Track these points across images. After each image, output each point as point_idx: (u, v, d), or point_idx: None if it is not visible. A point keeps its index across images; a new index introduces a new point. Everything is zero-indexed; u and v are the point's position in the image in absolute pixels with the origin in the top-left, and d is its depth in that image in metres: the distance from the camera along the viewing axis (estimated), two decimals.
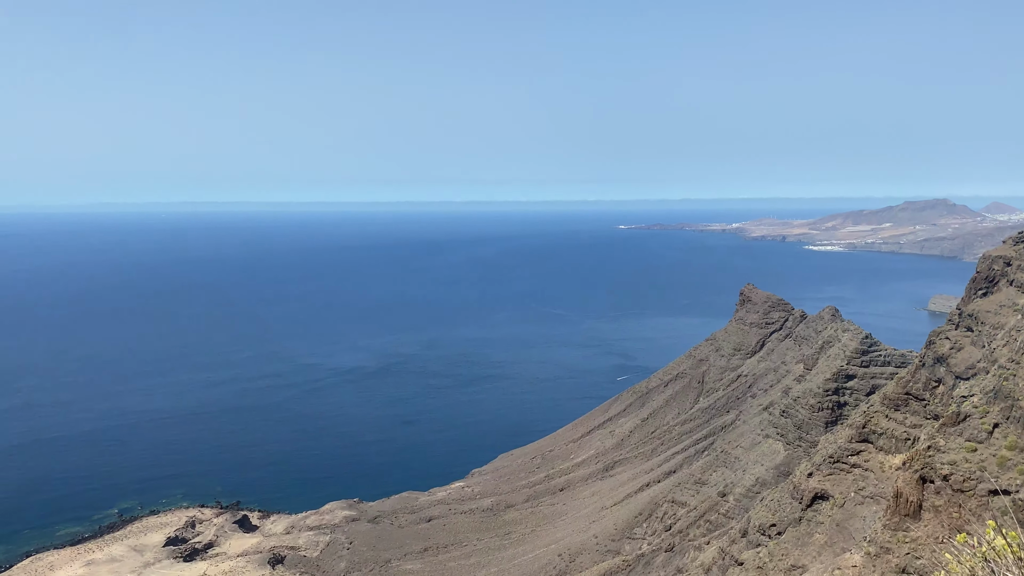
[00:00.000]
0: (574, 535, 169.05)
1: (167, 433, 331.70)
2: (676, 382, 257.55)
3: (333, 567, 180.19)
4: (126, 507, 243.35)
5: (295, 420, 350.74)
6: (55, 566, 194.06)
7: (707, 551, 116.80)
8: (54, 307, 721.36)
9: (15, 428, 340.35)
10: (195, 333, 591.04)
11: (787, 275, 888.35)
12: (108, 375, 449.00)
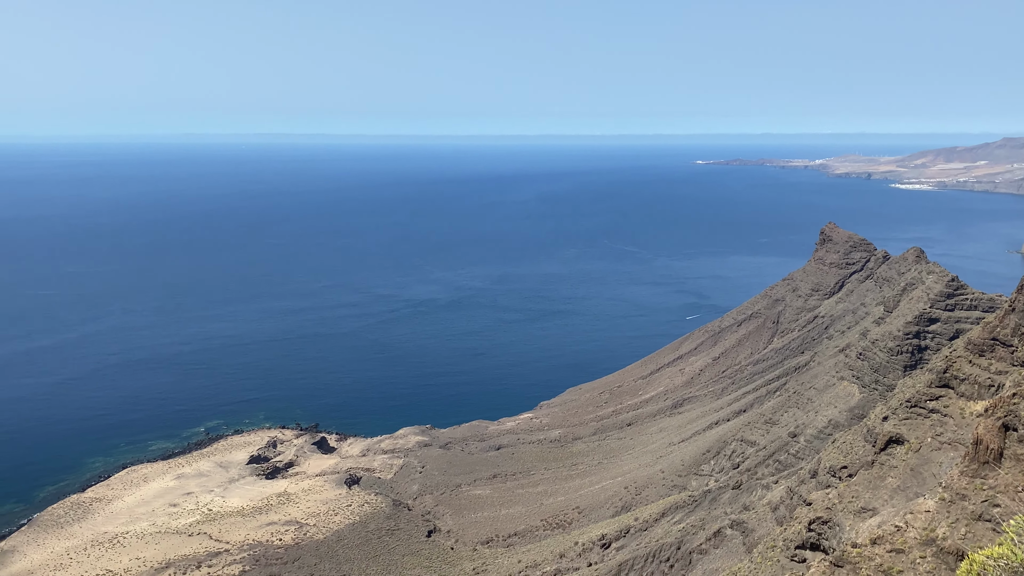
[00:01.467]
0: (640, 469, 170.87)
1: (250, 357, 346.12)
2: (750, 322, 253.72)
3: (406, 489, 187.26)
4: (212, 426, 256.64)
5: (370, 349, 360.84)
6: (149, 478, 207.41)
7: (775, 490, 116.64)
8: (143, 235, 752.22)
9: (111, 349, 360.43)
10: (276, 263, 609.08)
11: (871, 214, 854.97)
12: (195, 301, 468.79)
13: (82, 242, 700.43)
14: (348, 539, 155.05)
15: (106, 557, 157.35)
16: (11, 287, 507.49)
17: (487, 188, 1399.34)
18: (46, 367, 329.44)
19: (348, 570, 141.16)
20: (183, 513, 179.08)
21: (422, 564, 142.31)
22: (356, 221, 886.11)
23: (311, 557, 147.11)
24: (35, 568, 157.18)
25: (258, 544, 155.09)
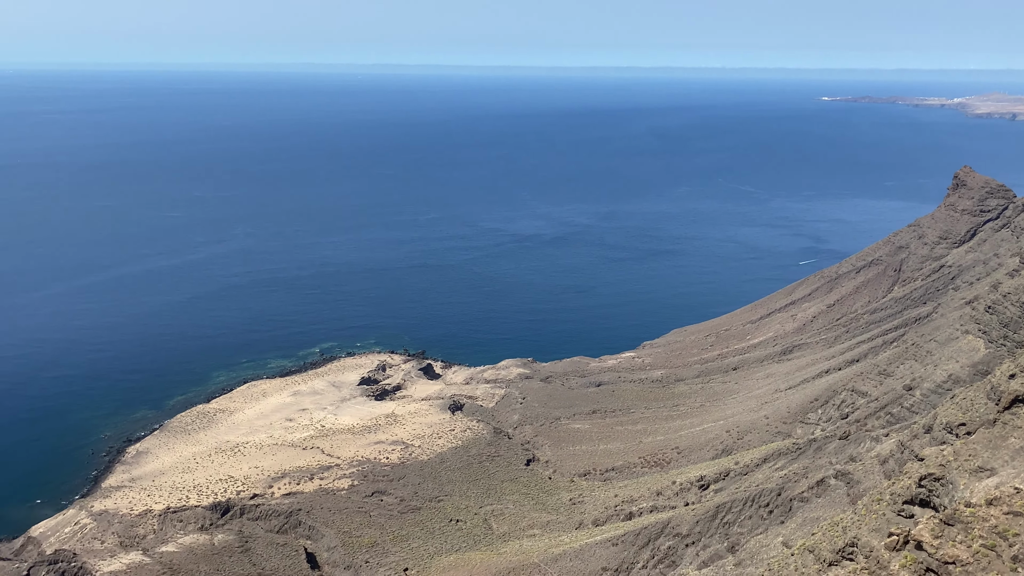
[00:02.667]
0: (744, 414, 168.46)
1: (362, 284, 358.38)
2: (870, 268, 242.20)
3: (507, 418, 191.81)
4: (326, 347, 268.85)
5: (476, 281, 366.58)
6: (267, 393, 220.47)
7: (885, 443, 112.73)
8: (263, 162, 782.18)
9: (234, 270, 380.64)
10: (387, 194, 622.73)
11: (1013, 159, 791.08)
12: (311, 228, 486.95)
13: (207, 168, 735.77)
14: (450, 462, 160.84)
15: (228, 464, 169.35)
16: (142, 209, 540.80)
17: (598, 122, 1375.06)
18: (176, 285, 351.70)
19: (450, 491, 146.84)
20: (298, 428, 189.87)
21: (520, 491, 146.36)
22: (465, 154, 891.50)
23: (415, 476, 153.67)
24: (166, 469, 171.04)
25: (366, 461, 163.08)
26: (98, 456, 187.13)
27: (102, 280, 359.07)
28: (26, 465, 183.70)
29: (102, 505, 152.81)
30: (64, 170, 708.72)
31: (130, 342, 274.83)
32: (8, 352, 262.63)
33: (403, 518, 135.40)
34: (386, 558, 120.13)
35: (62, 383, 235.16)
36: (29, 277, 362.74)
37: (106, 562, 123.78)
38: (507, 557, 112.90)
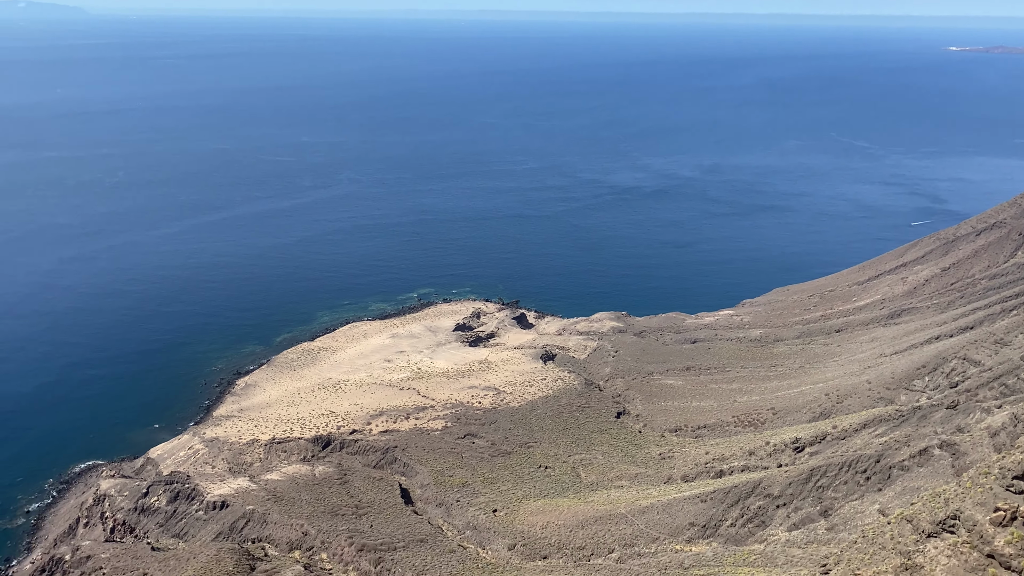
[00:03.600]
0: (845, 378, 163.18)
1: (459, 232, 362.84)
2: (991, 232, 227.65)
3: (598, 370, 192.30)
4: (424, 293, 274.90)
5: (572, 233, 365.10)
6: (368, 334, 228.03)
7: (997, 415, 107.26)
8: (365, 110, 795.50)
9: (339, 215, 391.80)
10: (487, 142, 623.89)
11: None
12: (411, 175, 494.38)
13: (314, 114, 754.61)
14: (541, 410, 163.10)
15: (329, 400, 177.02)
16: (254, 152, 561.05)
17: (704, 71, 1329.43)
18: (285, 228, 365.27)
19: (539, 438, 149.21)
20: (396, 368, 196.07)
21: (609, 443, 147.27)
22: (566, 103, 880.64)
23: (506, 422, 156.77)
24: (272, 402, 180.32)
25: (459, 404, 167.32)
26: (210, 387, 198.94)
27: (216, 220, 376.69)
28: (148, 393, 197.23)
29: (213, 432, 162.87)
30: (183, 113, 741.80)
31: (242, 281, 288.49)
32: (133, 287, 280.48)
33: (493, 461, 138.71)
34: (476, 498, 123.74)
35: (181, 318, 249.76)
36: (151, 216, 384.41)
37: (216, 485, 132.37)
38: (594, 506, 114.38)
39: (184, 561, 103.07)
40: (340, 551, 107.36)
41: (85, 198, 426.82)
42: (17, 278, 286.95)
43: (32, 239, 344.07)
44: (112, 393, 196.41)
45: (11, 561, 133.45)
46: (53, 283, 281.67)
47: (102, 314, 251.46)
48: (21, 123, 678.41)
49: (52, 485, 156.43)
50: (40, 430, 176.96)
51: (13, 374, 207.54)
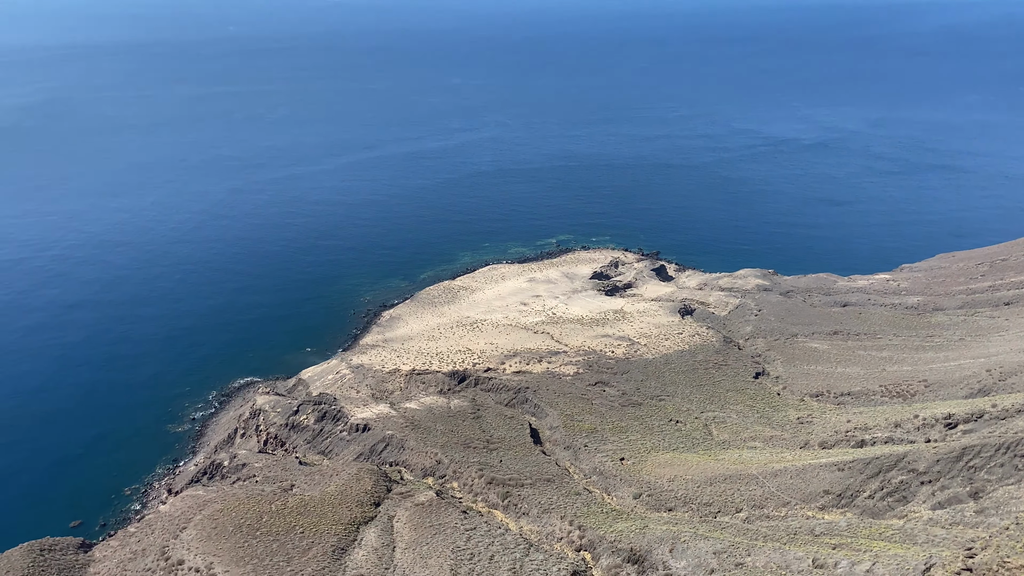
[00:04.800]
0: (1011, 354, 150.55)
1: (602, 179, 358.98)
2: None
3: (739, 329, 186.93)
4: (563, 239, 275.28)
5: (721, 184, 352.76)
6: (506, 277, 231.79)
7: None
8: (515, 52, 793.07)
9: (484, 158, 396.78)
10: (636, 88, 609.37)
11: None
12: (557, 119, 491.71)
13: (465, 56, 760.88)
14: (675, 364, 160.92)
15: (467, 337, 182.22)
16: (407, 94, 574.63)
17: (874, 18, 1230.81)
18: (432, 169, 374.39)
19: (672, 392, 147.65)
20: (531, 312, 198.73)
21: (745, 403, 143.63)
22: (722, 49, 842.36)
23: (638, 373, 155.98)
24: (414, 335, 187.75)
25: (592, 352, 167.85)
26: (358, 317, 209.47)
27: (369, 158, 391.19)
28: (302, 319, 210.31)
29: (359, 360, 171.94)
30: (340, 53, 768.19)
31: (391, 219, 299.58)
32: (294, 220, 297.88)
33: (623, 411, 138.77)
34: (604, 445, 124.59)
35: (336, 252, 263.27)
36: (309, 152, 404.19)
37: (359, 409, 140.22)
38: (724, 464, 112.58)
39: (328, 477, 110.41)
40: (470, 482, 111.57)
41: (250, 132, 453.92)
42: (192, 207, 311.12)
43: (205, 169, 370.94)
44: (271, 318, 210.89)
45: (179, 462, 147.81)
46: (223, 213, 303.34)
47: (265, 244, 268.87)
48: (198, 59, 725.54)
49: (215, 397, 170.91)
50: (209, 347, 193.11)
51: (189, 296, 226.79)
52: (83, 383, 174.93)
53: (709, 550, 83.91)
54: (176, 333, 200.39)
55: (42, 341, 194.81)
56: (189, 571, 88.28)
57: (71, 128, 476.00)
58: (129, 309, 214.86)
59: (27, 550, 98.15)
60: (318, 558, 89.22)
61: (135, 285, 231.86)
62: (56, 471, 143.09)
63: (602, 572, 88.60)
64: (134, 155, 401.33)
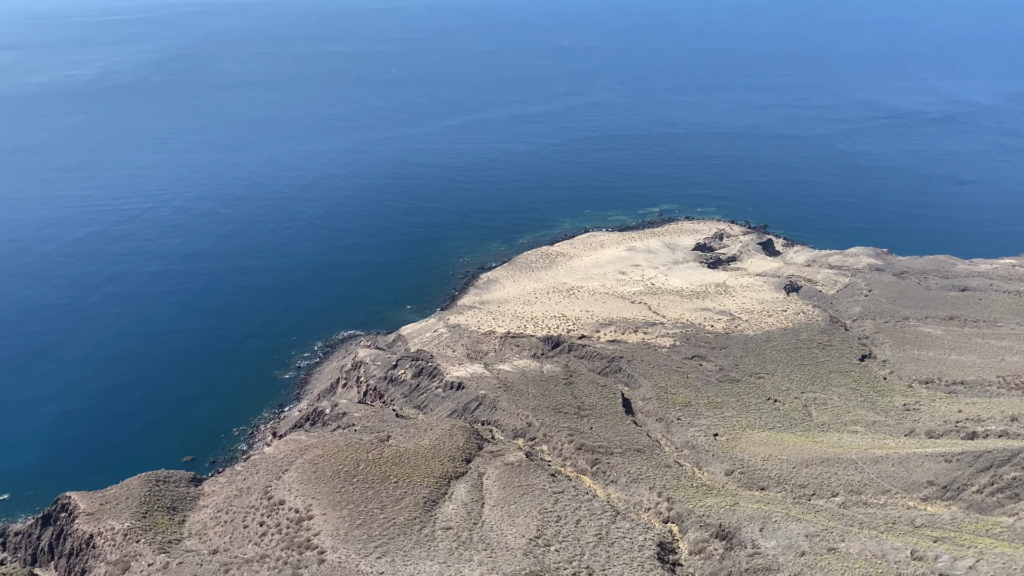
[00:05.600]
0: None
1: (710, 147, 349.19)
2: None
3: (847, 309, 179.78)
4: (666, 208, 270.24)
5: (836, 157, 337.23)
6: (605, 244, 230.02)
7: None
8: (627, 15, 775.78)
9: (588, 123, 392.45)
10: (751, 54, 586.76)
11: None
12: (666, 84, 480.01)
13: (577, 18, 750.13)
14: (777, 342, 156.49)
15: (562, 304, 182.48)
16: (516, 56, 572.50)
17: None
18: (536, 133, 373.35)
19: (772, 370, 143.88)
20: (629, 281, 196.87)
21: (849, 385, 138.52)
22: (846, 14, 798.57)
23: (737, 349, 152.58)
24: (509, 298, 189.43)
25: (690, 324, 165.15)
26: (457, 278, 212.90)
27: (475, 121, 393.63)
28: (405, 278, 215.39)
29: (456, 320, 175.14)
30: (450, 14, 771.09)
31: (493, 182, 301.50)
32: (400, 181, 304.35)
33: (719, 386, 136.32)
34: (697, 419, 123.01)
35: (438, 214, 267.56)
36: (417, 113, 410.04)
37: (454, 367, 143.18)
38: (822, 447, 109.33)
39: (422, 430, 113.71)
40: (560, 446, 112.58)
41: (363, 92, 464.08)
42: (306, 164, 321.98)
43: (319, 128, 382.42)
44: (375, 275, 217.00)
45: (284, 407, 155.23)
46: (334, 172, 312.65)
47: (373, 204, 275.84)
48: (315, 19, 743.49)
49: (320, 348, 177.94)
50: (316, 301, 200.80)
51: (299, 251, 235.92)
52: (200, 329, 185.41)
53: (801, 532, 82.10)
54: (287, 286, 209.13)
55: (164, 288, 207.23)
56: (289, 511, 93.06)
57: (196, 83, 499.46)
58: (244, 261, 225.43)
59: (144, 479, 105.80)
60: (410, 508, 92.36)
61: (250, 239, 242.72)
62: (173, 410, 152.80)
63: (688, 545, 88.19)
64: (254, 111, 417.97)
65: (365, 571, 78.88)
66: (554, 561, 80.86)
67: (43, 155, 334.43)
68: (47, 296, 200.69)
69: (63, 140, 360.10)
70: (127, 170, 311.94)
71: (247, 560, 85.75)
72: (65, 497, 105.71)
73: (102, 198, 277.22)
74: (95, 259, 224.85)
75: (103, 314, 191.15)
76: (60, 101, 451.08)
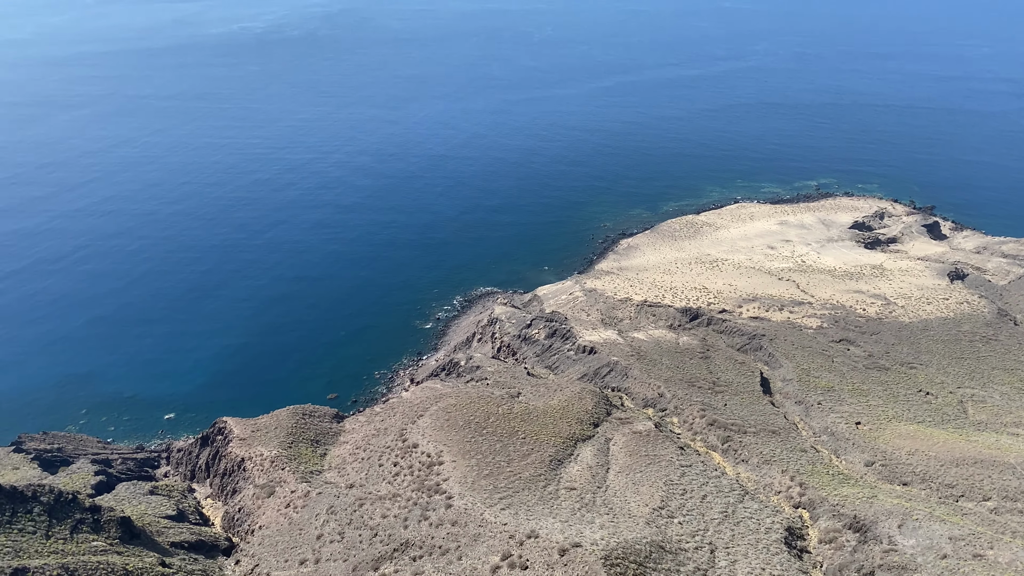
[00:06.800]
0: None
1: (878, 120, 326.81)
2: None
3: (1018, 302, 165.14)
4: (824, 183, 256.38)
5: (1020, 137, 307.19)
6: (755, 217, 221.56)
7: None
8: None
9: (744, 89, 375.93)
10: (930, 20, 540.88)
11: None
12: (831, 51, 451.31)
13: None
14: (934, 332, 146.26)
15: (704, 275, 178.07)
16: (671, 16, 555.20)
17: None
18: (689, 97, 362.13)
19: (926, 361, 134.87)
20: (777, 257, 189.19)
21: (1014, 384, 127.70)
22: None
23: (889, 336, 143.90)
24: (649, 266, 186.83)
25: (840, 306, 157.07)
26: (596, 242, 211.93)
27: (626, 83, 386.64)
28: (545, 240, 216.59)
29: (592, 284, 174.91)
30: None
31: (641, 148, 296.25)
32: (546, 144, 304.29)
33: (867, 373, 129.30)
34: (840, 406, 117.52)
35: (583, 179, 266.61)
36: (568, 73, 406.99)
37: (588, 332, 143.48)
38: (976, 446, 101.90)
39: (552, 390, 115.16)
40: (691, 420, 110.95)
41: (516, 51, 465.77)
42: (458, 124, 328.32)
43: (471, 87, 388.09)
44: (516, 235, 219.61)
45: (422, 355, 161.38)
46: (484, 133, 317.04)
47: (521, 166, 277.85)
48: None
49: (459, 302, 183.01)
50: (461, 257, 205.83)
51: (446, 208, 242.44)
52: (352, 278, 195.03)
53: (945, 534, 77.36)
54: (433, 242, 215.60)
55: (322, 237, 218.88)
56: (421, 455, 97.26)
57: (360, 38, 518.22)
58: (394, 216, 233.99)
59: (292, 412, 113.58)
60: (535, 464, 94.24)
61: (401, 195, 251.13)
62: (322, 351, 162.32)
63: (819, 533, 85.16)
64: (411, 67, 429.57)
65: (489, 520, 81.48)
66: (676, 533, 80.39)
67: (219, 103, 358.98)
68: (217, 237, 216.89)
69: (236, 89, 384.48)
70: (292, 121, 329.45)
71: (380, 497, 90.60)
72: (222, 421, 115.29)
73: (268, 147, 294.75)
74: (260, 206, 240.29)
75: (265, 258, 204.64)
76: (236, 52, 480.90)
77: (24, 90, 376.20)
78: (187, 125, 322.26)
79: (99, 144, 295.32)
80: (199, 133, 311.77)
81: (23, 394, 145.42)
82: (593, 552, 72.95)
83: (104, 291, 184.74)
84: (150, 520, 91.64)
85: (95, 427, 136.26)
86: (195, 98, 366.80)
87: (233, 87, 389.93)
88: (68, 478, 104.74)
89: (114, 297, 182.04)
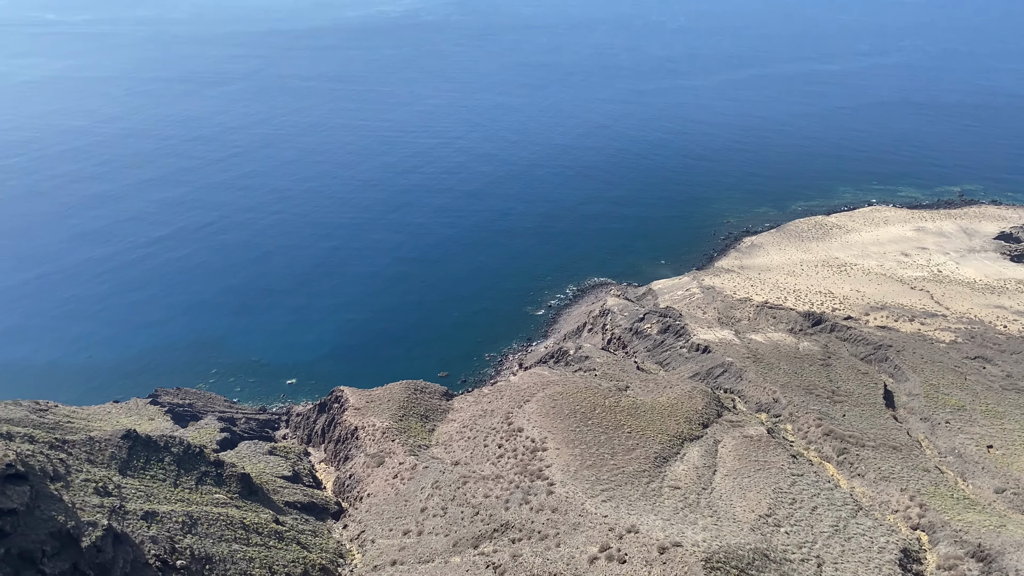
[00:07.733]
0: None
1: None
2: None
3: None
4: (968, 189, 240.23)
5: None
6: (889, 221, 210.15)
7: None
8: None
9: (886, 87, 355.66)
10: None
11: None
12: (988, 49, 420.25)
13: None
14: None
15: (831, 279, 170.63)
16: (815, 8, 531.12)
17: None
18: (826, 92, 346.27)
19: None
20: (911, 265, 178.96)
21: None
22: None
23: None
24: (772, 267, 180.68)
25: (978, 322, 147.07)
26: (718, 239, 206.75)
27: (759, 75, 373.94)
28: (664, 234, 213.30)
29: (711, 281, 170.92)
30: None
31: (769, 144, 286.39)
32: (675, 138, 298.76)
33: (1003, 394, 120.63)
34: (970, 426, 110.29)
35: (709, 174, 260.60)
36: (700, 63, 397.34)
37: (702, 330, 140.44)
38: None
39: (662, 387, 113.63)
40: (806, 428, 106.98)
41: (648, 40, 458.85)
42: (583, 115, 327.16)
43: (599, 75, 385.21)
44: (637, 229, 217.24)
45: (531, 341, 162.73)
46: (608, 123, 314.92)
47: (645, 159, 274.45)
48: None
49: (572, 291, 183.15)
50: (578, 248, 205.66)
51: (565, 198, 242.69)
52: (470, 262, 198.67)
53: None
54: (551, 231, 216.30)
55: (443, 221, 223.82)
56: (526, 439, 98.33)
57: (492, 24, 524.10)
58: (514, 204, 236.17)
59: (405, 386, 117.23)
60: (640, 460, 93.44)
61: (522, 184, 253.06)
62: (437, 330, 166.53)
63: (937, 559, 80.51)
64: (540, 55, 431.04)
65: (590, 511, 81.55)
66: (783, 543, 77.95)
67: (354, 85, 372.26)
68: (345, 216, 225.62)
69: (371, 73, 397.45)
70: (421, 107, 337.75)
71: (483, 477, 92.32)
72: (339, 390, 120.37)
73: (397, 131, 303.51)
74: (386, 188, 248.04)
75: (389, 239, 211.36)
76: (372, 35, 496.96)
77: (177, 67, 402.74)
78: (324, 106, 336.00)
79: (242, 120, 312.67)
80: (334, 115, 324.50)
81: (162, 351, 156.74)
82: (694, 553, 71.81)
83: (238, 261, 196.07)
84: (267, 479, 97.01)
85: (223, 387, 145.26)
86: (333, 79, 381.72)
87: (368, 70, 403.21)
88: (196, 432, 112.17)
89: (247, 268, 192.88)
